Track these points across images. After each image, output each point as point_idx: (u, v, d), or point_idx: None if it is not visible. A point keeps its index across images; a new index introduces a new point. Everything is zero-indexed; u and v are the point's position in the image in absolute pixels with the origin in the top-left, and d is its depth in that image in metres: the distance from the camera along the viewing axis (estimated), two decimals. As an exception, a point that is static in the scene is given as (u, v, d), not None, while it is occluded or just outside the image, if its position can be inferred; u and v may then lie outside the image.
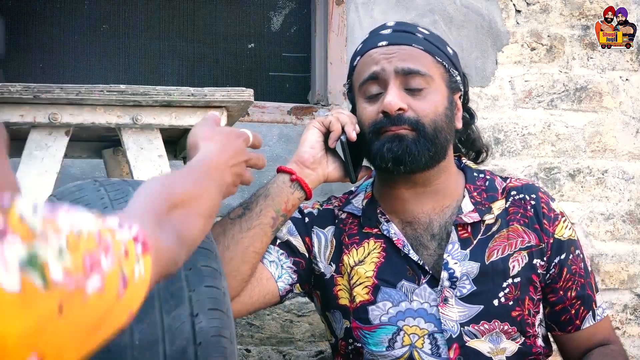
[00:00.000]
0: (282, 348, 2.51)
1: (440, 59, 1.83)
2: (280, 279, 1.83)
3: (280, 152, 2.54)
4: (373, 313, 1.80)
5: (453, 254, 1.80)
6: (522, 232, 1.83)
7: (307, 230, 1.88)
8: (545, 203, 1.86)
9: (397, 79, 1.79)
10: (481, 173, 1.91)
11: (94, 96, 1.63)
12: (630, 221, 2.72)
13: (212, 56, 2.74)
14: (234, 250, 1.73)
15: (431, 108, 1.79)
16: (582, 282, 1.86)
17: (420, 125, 1.77)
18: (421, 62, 1.81)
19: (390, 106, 1.77)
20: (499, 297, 1.79)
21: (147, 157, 1.68)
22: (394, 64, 1.80)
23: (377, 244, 1.84)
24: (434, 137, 1.78)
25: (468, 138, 1.98)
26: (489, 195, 1.86)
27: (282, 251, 1.84)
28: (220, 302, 1.23)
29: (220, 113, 1.70)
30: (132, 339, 1.16)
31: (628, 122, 2.75)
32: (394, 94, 1.78)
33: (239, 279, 1.75)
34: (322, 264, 1.87)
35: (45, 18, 2.66)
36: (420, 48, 1.83)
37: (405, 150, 1.76)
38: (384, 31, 1.88)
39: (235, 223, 1.76)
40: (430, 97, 1.80)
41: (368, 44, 1.87)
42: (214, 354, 1.20)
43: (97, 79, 2.59)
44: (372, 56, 1.83)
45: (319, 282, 1.88)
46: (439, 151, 1.81)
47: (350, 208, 1.90)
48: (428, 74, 1.80)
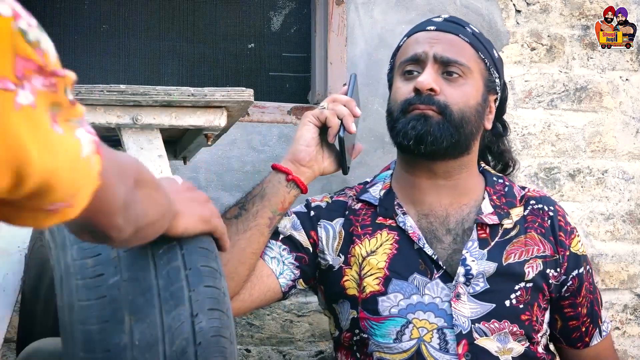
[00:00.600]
0: (282, 348, 2.51)
1: (482, 55, 1.86)
2: (282, 275, 1.82)
3: (280, 152, 2.54)
4: (383, 304, 1.79)
5: (472, 252, 1.80)
6: (538, 240, 1.85)
7: (312, 224, 1.87)
8: (562, 216, 1.89)
9: (435, 64, 1.82)
10: (500, 178, 1.92)
11: (94, 96, 1.63)
12: (630, 221, 2.72)
13: (212, 56, 2.74)
14: (231, 252, 1.71)
15: (462, 98, 1.81)
16: (591, 298, 1.89)
17: (448, 111, 1.79)
18: (463, 52, 1.84)
19: (423, 84, 1.78)
20: (510, 298, 1.80)
21: (147, 157, 1.68)
22: (435, 49, 1.83)
23: (390, 236, 1.84)
24: (460, 125, 1.79)
25: (498, 149, 1.99)
26: (508, 201, 1.87)
27: (284, 246, 1.83)
28: (220, 302, 1.23)
29: (221, 113, 1.70)
30: (132, 339, 1.16)
31: (628, 122, 2.75)
32: (429, 74, 1.80)
33: (237, 280, 1.75)
34: (330, 257, 1.86)
35: (45, 18, 2.65)
36: (466, 40, 1.85)
37: (429, 131, 1.77)
38: (436, 19, 1.91)
39: (231, 224, 1.75)
40: (464, 88, 1.82)
41: (417, 28, 1.91)
42: (214, 354, 1.20)
43: (97, 79, 2.59)
44: (417, 39, 1.86)
45: (324, 276, 1.87)
46: (462, 141, 1.81)
47: (367, 196, 1.89)
48: (466, 65, 1.82)
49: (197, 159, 2.40)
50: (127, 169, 1.03)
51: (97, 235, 1.01)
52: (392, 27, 2.62)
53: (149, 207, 1.09)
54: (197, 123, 1.69)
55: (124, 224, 1.02)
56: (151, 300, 1.18)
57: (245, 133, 2.54)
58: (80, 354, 1.16)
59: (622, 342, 2.70)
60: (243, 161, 2.54)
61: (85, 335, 1.16)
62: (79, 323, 1.17)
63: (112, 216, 0.99)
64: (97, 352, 1.16)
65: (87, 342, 1.16)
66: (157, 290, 1.19)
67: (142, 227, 1.09)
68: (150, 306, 1.18)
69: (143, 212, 1.07)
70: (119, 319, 1.17)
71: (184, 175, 2.46)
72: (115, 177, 0.96)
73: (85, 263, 1.21)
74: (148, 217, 1.10)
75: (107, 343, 1.16)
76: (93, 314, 1.17)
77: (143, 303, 1.18)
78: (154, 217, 1.12)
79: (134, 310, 1.17)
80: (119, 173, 0.98)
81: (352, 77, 1.86)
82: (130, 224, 1.04)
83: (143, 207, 1.07)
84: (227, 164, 2.53)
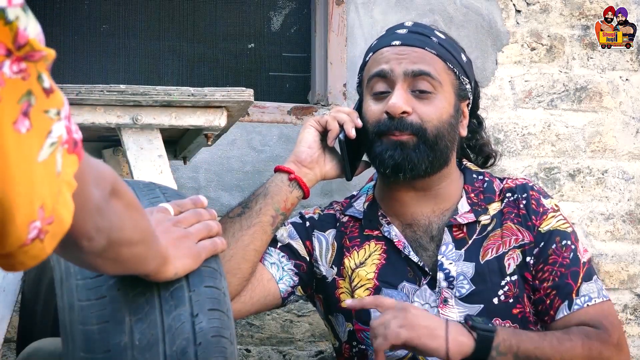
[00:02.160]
0: (282, 348, 2.51)
1: (452, 66, 1.83)
2: (282, 280, 1.84)
3: (280, 152, 2.54)
4: (375, 314, 1.80)
5: (447, 255, 1.81)
6: (515, 230, 1.83)
7: (307, 234, 1.88)
8: (536, 199, 1.85)
9: (405, 81, 1.79)
10: (480, 175, 1.91)
11: (94, 96, 1.63)
12: (630, 221, 2.72)
13: (212, 56, 2.74)
14: (235, 248, 1.74)
15: (436, 114, 1.79)
16: (563, 272, 1.80)
17: (422, 131, 1.77)
18: (432, 66, 1.81)
19: (395, 108, 1.77)
20: (498, 295, 1.79)
21: (147, 157, 1.68)
22: (403, 65, 1.80)
23: (377, 246, 1.85)
24: (434, 143, 1.79)
25: (476, 144, 1.99)
26: (486, 197, 1.86)
27: (283, 253, 1.85)
28: (220, 303, 1.24)
29: (221, 113, 1.70)
30: (132, 339, 1.16)
31: (628, 122, 2.75)
32: (400, 96, 1.78)
33: (240, 276, 1.76)
34: (323, 267, 1.87)
35: (45, 18, 2.65)
36: (433, 52, 1.82)
37: (406, 159, 1.77)
38: (399, 30, 1.87)
39: (235, 221, 1.77)
40: (436, 103, 1.80)
41: (382, 42, 1.87)
42: (214, 354, 1.20)
43: (97, 79, 2.59)
44: (383, 54, 1.83)
45: (321, 286, 1.88)
46: (439, 157, 1.81)
47: (352, 211, 1.90)
48: (437, 79, 1.80)
49: (197, 159, 2.40)
50: (105, 173, 0.96)
51: (66, 243, 0.88)
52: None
53: (125, 221, 1.01)
54: (197, 123, 1.69)
55: (95, 233, 0.95)
56: (151, 300, 1.18)
57: (245, 133, 2.54)
58: (80, 354, 1.16)
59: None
60: (243, 161, 2.54)
61: (85, 335, 1.16)
62: (79, 323, 1.17)
63: (83, 221, 0.91)
64: (97, 352, 1.16)
65: (87, 342, 1.16)
66: (157, 291, 1.19)
67: (116, 242, 1.00)
68: (151, 306, 1.18)
69: (118, 224, 0.99)
70: (119, 319, 1.17)
71: (184, 175, 2.46)
72: (89, 179, 0.89)
73: (85, 263, 1.21)
74: (123, 232, 1.01)
75: (107, 343, 1.16)
76: (93, 314, 1.17)
77: (143, 303, 1.18)
78: (131, 236, 1.04)
79: (134, 310, 1.17)
80: (95, 176, 0.92)
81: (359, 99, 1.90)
82: (103, 234, 0.96)
83: (118, 220, 0.99)
84: (227, 164, 2.53)
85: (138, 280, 1.18)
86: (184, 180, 2.47)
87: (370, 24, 2.63)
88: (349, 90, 2.60)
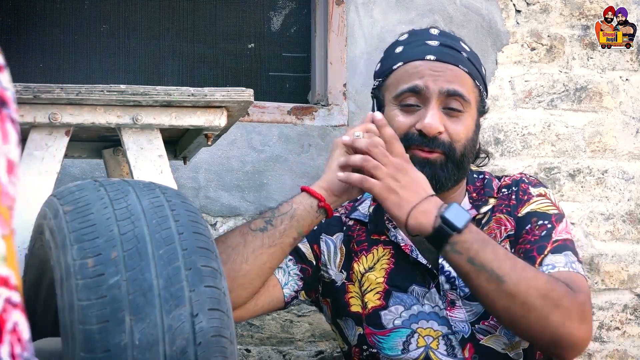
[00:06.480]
0: (282, 348, 2.51)
1: (478, 83, 1.83)
2: (287, 285, 1.83)
3: (280, 152, 2.55)
4: (386, 317, 1.81)
5: None
6: (505, 220, 1.83)
7: (315, 237, 1.87)
8: (524, 190, 1.85)
9: (438, 99, 1.77)
10: (480, 174, 1.92)
11: (94, 96, 1.63)
12: (630, 221, 2.72)
13: (212, 56, 2.74)
14: (252, 264, 1.71)
15: (464, 133, 1.79)
16: (527, 248, 1.78)
17: (452, 150, 1.77)
18: (464, 86, 1.80)
19: (431, 129, 1.75)
20: None
21: (147, 157, 1.68)
22: (439, 84, 1.78)
23: (386, 251, 1.84)
24: (461, 162, 1.79)
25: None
26: (486, 191, 1.87)
27: (290, 257, 1.83)
28: (220, 302, 1.24)
29: (221, 113, 1.70)
30: (132, 339, 1.16)
31: (628, 122, 2.76)
32: (435, 116, 1.76)
33: (250, 291, 1.75)
34: (332, 271, 1.86)
35: (45, 18, 2.65)
36: (465, 70, 1.81)
37: (434, 177, 1.75)
38: (430, 42, 1.83)
39: (257, 237, 1.73)
40: (465, 121, 1.79)
41: (413, 52, 1.83)
42: (214, 354, 1.20)
43: (97, 79, 2.59)
44: (417, 68, 1.80)
45: (329, 290, 1.87)
46: (463, 174, 1.82)
47: (357, 215, 1.89)
48: (467, 99, 1.79)
49: (197, 159, 2.40)
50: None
51: None
52: (392, 27, 2.62)
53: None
54: (197, 123, 1.69)
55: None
56: (151, 300, 1.18)
57: (245, 133, 2.54)
58: (80, 354, 1.16)
59: (622, 342, 2.70)
60: (243, 161, 2.54)
61: (85, 335, 1.16)
62: (79, 323, 1.17)
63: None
64: (97, 352, 1.16)
65: (87, 342, 1.16)
66: (157, 290, 1.19)
67: None
68: (151, 306, 1.18)
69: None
70: (119, 319, 1.17)
71: (184, 175, 2.47)
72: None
73: (85, 263, 1.21)
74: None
75: (107, 343, 1.16)
76: (93, 314, 1.17)
77: (143, 303, 1.18)
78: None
79: (134, 310, 1.17)
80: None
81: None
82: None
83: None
84: (227, 164, 2.53)
85: (138, 280, 1.18)
86: (184, 180, 2.47)
87: (370, 24, 2.63)
88: (349, 90, 2.60)
